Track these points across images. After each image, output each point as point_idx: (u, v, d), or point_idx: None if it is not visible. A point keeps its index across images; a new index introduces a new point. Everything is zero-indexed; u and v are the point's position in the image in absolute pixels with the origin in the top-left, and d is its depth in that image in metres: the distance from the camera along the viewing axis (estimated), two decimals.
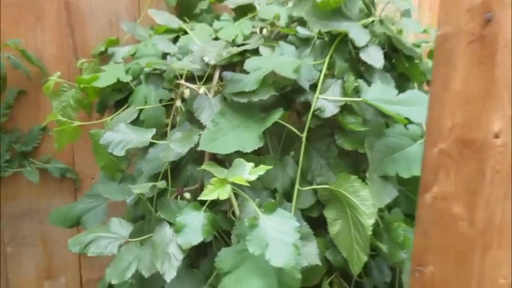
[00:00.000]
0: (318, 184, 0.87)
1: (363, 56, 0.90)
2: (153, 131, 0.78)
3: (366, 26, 0.97)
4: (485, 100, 0.52)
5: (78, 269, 1.40)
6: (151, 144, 0.84)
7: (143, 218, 0.89)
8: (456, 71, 0.55)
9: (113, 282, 0.75)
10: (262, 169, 0.66)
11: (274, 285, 0.66)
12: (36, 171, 1.26)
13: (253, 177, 0.64)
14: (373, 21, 0.99)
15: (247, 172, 0.66)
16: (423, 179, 0.62)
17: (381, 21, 0.99)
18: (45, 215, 1.27)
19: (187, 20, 1.19)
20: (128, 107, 0.94)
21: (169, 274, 0.67)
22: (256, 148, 0.72)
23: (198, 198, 0.63)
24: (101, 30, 1.28)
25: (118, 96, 0.97)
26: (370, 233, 0.77)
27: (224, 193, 0.61)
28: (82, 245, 0.80)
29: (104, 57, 1.22)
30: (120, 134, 0.75)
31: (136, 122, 0.90)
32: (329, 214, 0.85)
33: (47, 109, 1.24)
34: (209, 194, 0.61)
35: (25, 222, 1.33)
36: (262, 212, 0.67)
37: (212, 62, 0.76)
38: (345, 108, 0.89)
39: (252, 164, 0.67)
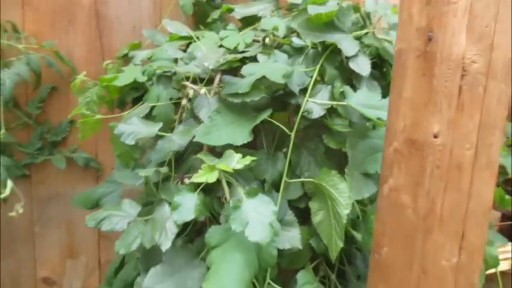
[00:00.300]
0: (305, 178, 0.97)
1: (352, 64, 1.00)
2: (160, 124, 0.90)
3: (359, 38, 1.07)
4: (427, 106, 0.62)
5: (97, 250, 1.53)
6: (160, 137, 0.96)
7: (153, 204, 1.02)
8: (407, 81, 0.65)
9: (120, 252, 0.87)
10: (248, 160, 0.77)
11: (254, 258, 0.77)
12: (64, 159, 1.38)
13: (239, 166, 0.76)
14: (367, 33, 1.09)
15: (235, 162, 0.77)
16: (382, 173, 0.71)
17: (373, 34, 1.09)
18: (70, 200, 1.41)
19: (202, 28, 1.32)
20: (143, 103, 1.07)
21: (165, 245, 0.79)
22: (245, 142, 0.83)
23: (190, 181, 0.75)
24: (126, 35, 1.42)
25: (135, 94, 1.10)
26: (345, 221, 0.86)
27: (212, 177, 0.73)
28: (97, 220, 0.93)
29: (127, 59, 1.35)
30: (132, 126, 0.88)
31: (149, 117, 1.03)
32: (313, 205, 0.95)
33: (75, 104, 1.35)
34: (199, 177, 0.73)
35: (52, 205, 1.46)
36: (246, 196, 0.78)
37: (211, 67, 0.88)
38: (333, 112, 0.99)
39: (240, 155, 0.79)
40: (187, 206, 0.79)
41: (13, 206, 1.18)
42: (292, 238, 0.89)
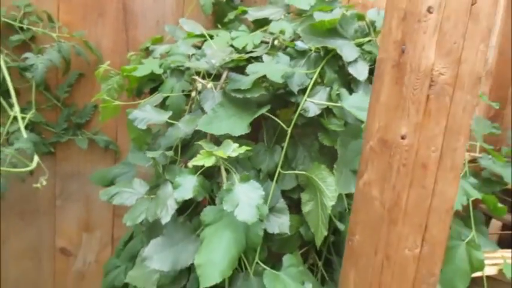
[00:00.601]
0: (299, 171, 1.06)
1: (351, 69, 1.07)
2: (170, 113, 1.01)
3: (361, 44, 1.15)
4: (397, 110, 0.70)
5: (111, 226, 1.66)
6: (170, 124, 1.07)
7: None
8: (384, 87, 0.73)
9: (128, 224, 0.98)
10: (243, 149, 0.87)
11: (242, 237, 0.86)
12: (86, 140, 1.51)
13: (234, 154, 0.85)
14: (369, 41, 1.16)
15: (231, 150, 0.86)
16: (359, 169, 0.79)
17: (375, 42, 1.16)
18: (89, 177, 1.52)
19: (220, 27, 1.41)
20: (158, 93, 1.18)
21: (165, 219, 0.89)
22: (243, 133, 0.92)
23: (190, 164, 0.85)
24: (150, 30, 1.52)
25: (152, 85, 1.20)
26: (329, 212, 0.95)
27: (209, 162, 0.83)
28: (109, 195, 1.04)
29: (149, 52, 1.46)
30: (145, 113, 0.99)
31: (163, 107, 1.13)
32: (304, 196, 1.04)
33: (99, 91, 1.49)
34: (198, 161, 0.83)
35: (73, 182, 1.59)
36: (239, 181, 0.87)
37: (217, 64, 0.98)
38: (330, 112, 1.08)
39: (236, 145, 0.88)
40: (187, 186, 0.89)
41: (38, 179, 1.31)
42: (282, 224, 0.98)
